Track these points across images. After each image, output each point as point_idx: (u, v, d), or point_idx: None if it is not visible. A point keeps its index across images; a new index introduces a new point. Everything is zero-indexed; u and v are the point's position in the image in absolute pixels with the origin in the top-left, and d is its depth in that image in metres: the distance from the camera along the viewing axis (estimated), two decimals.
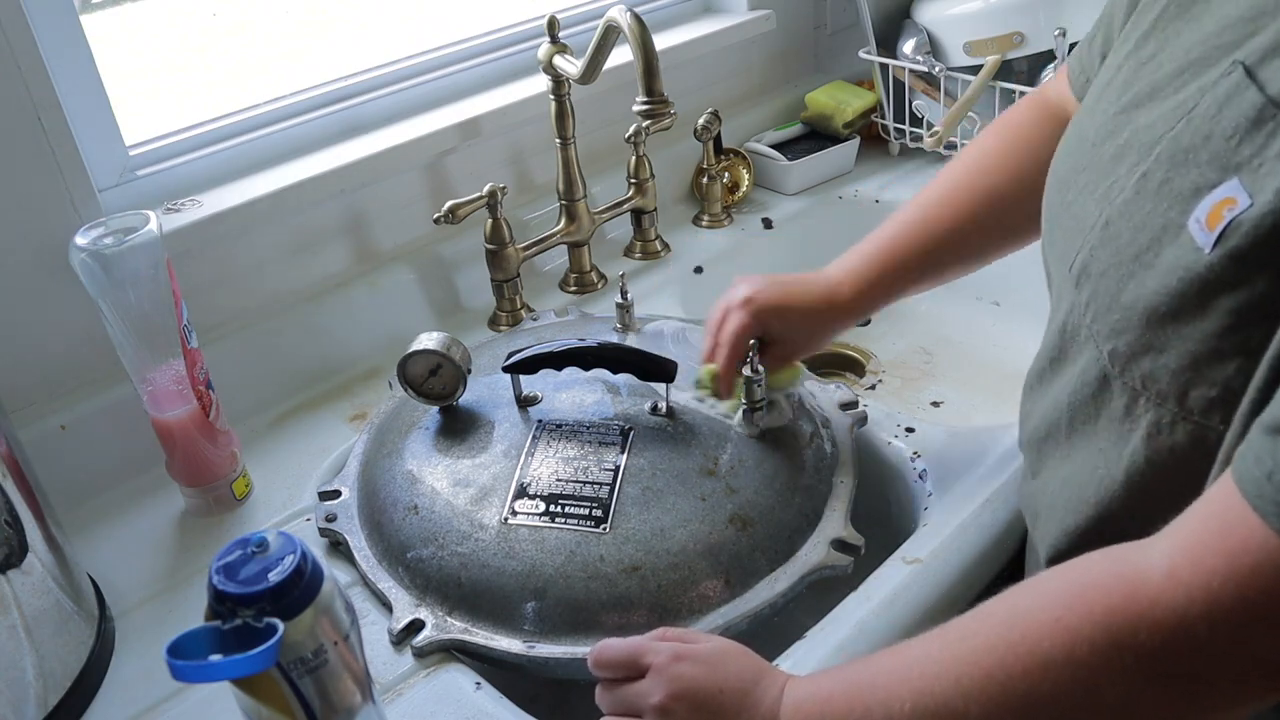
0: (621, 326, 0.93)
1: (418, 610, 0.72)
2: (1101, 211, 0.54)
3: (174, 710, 0.69)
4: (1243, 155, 0.46)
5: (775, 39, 1.39)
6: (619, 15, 0.86)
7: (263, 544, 0.55)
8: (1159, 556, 0.46)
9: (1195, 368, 0.48)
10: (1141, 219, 0.51)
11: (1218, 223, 0.46)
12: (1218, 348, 0.47)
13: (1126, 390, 0.53)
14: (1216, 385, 0.48)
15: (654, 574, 0.70)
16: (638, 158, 1.13)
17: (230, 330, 0.96)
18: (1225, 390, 0.47)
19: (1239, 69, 0.47)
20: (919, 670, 0.51)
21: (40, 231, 0.82)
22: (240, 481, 0.86)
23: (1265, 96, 0.45)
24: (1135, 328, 0.51)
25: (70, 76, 0.85)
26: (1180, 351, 0.49)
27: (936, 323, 1.25)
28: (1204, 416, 0.49)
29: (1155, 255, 0.50)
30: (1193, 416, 0.50)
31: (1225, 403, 0.48)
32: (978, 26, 1.21)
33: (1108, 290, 0.53)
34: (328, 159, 1.00)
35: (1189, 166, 0.49)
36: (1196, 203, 0.48)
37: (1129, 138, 0.54)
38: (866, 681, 0.53)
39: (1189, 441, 0.51)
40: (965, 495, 0.80)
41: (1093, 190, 0.56)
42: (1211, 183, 0.47)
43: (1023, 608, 0.50)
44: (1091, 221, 0.55)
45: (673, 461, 0.76)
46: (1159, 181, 0.50)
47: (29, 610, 0.66)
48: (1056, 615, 0.47)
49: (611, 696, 0.59)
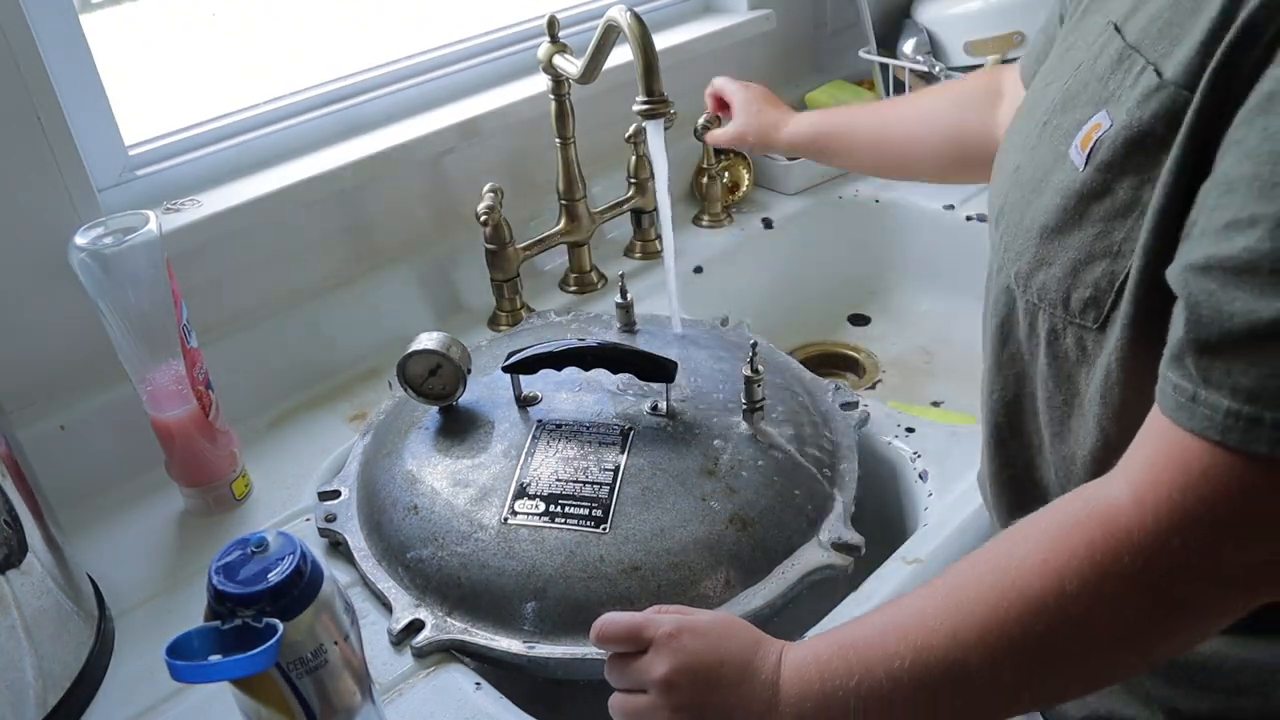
0: (622, 326, 0.93)
1: (417, 610, 0.72)
2: (1016, 161, 0.62)
3: (174, 710, 0.69)
4: (1109, 90, 0.54)
5: (775, 39, 1.39)
6: (619, 15, 0.86)
7: (262, 544, 0.55)
8: (1123, 486, 0.49)
9: (1074, 273, 0.55)
10: (1040, 158, 0.59)
11: (1089, 144, 0.54)
12: (1090, 251, 0.54)
13: (1029, 308, 0.60)
14: (1089, 287, 0.54)
15: (654, 574, 0.70)
16: (638, 158, 1.13)
17: (230, 330, 0.96)
18: (1095, 290, 0.54)
19: (1110, 27, 0.56)
20: (915, 626, 0.52)
21: (40, 231, 0.82)
22: (240, 481, 0.86)
23: (1124, 42, 0.54)
24: (1032, 246, 0.58)
25: (70, 76, 0.85)
26: (1064, 261, 0.55)
27: (936, 323, 1.25)
28: (1081, 317, 0.55)
29: (1045, 182, 0.57)
30: (1074, 319, 0.56)
31: (1095, 302, 0.54)
32: (978, 26, 1.21)
33: (1015, 221, 0.60)
34: (328, 159, 1.00)
35: (1074, 107, 0.57)
36: (1078, 134, 0.55)
37: (1041, 97, 0.62)
38: (863, 641, 0.54)
39: (1074, 344, 0.57)
40: (965, 495, 0.80)
41: (1018, 148, 0.63)
42: (1088, 116, 0.55)
43: (1008, 555, 0.52)
44: (1008, 170, 0.63)
45: (673, 461, 0.76)
46: (1054, 127, 0.58)
47: (28, 610, 0.66)
48: (1042, 558, 0.49)
49: (615, 671, 0.60)
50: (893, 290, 1.30)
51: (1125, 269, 0.52)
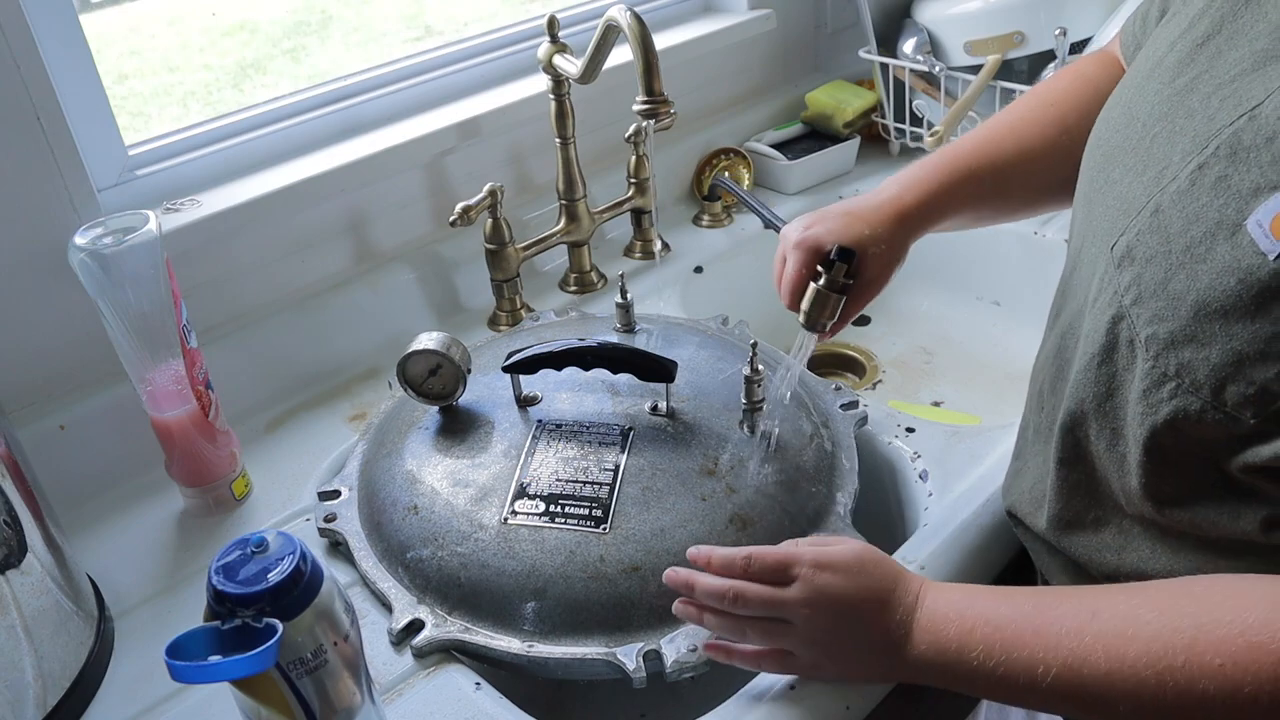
0: (621, 326, 0.93)
1: (417, 610, 0.72)
2: (1150, 197, 0.55)
3: (173, 710, 0.69)
4: None
5: (775, 39, 1.39)
6: (619, 14, 0.86)
7: (262, 544, 0.55)
8: None
9: (1237, 364, 0.49)
10: (1195, 211, 0.51)
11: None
12: (1265, 350, 0.48)
13: (1153, 374, 0.54)
14: (1255, 384, 0.49)
15: (654, 574, 0.70)
16: (638, 158, 1.13)
17: (230, 330, 0.96)
18: (1263, 391, 0.49)
19: None
20: (1068, 644, 0.53)
21: (39, 231, 0.82)
22: (240, 481, 0.86)
23: None
24: (1181, 318, 0.51)
25: (69, 76, 0.85)
26: (1225, 348, 0.50)
27: (936, 323, 1.25)
28: (1236, 410, 0.50)
29: (1208, 250, 0.50)
30: (1224, 408, 0.50)
31: (1261, 400, 0.49)
32: (978, 26, 1.21)
33: (1153, 277, 0.53)
34: (327, 159, 1.00)
35: (1250, 165, 0.49)
36: (1257, 203, 0.48)
37: (1183, 124, 0.54)
38: (1012, 631, 0.55)
39: (1214, 429, 0.52)
40: (965, 495, 0.80)
41: (1140, 172, 0.56)
42: (1273, 184, 0.48)
43: (1182, 635, 0.50)
44: (1139, 205, 0.56)
45: (673, 461, 0.76)
46: (1216, 176, 0.51)
47: (28, 610, 0.65)
48: (1220, 663, 0.48)
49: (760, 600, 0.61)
50: (893, 290, 1.28)
51: None
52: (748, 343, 0.82)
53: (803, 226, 0.76)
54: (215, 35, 1.15)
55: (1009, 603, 0.57)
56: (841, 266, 0.73)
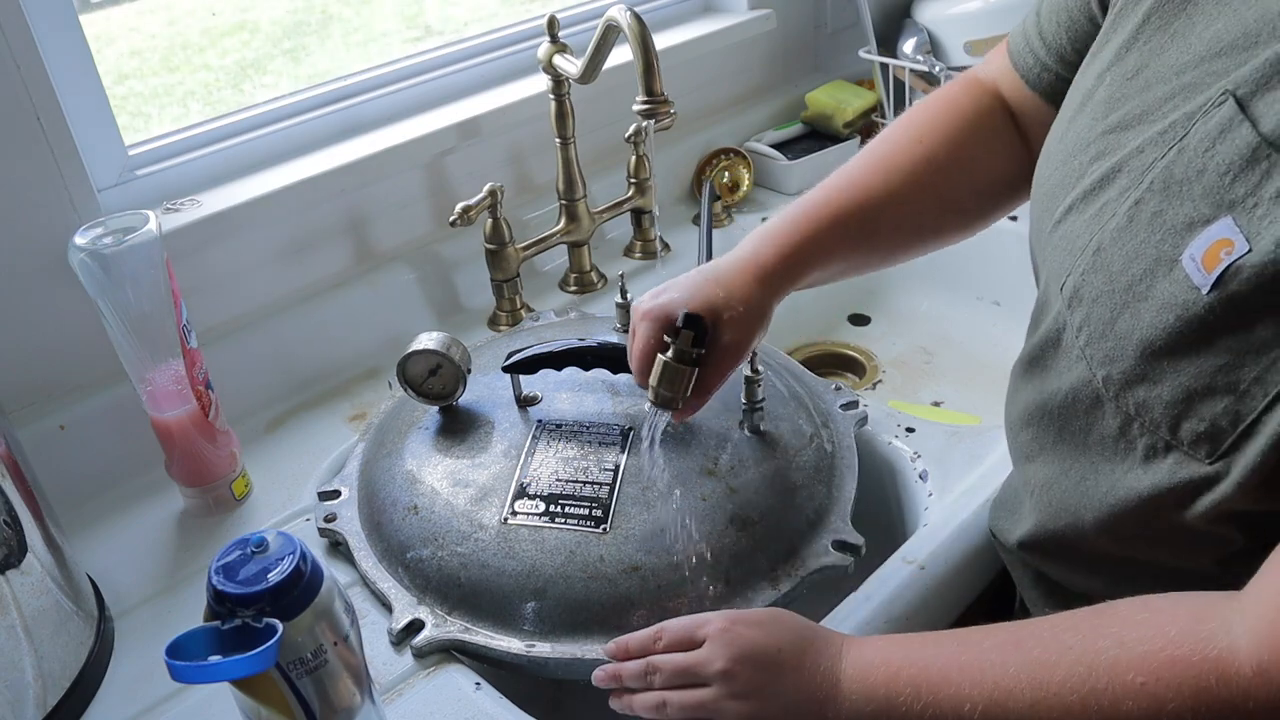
0: (621, 326, 0.93)
1: (417, 610, 0.72)
2: (1093, 236, 0.55)
3: (173, 710, 0.69)
4: (1237, 193, 0.46)
5: (775, 39, 1.39)
6: (619, 14, 0.86)
7: (262, 544, 0.55)
8: (1247, 645, 0.45)
9: (1188, 401, 0.49)
10: (1134, 248, 0.51)
11: (1215, 264, 0.46)
12: (1210, 385, 0.48)
13: (1120, 413, 0.54)
14: (1205, 421, 0.49)
15: (654, 574, 0.70)
16: (638, 158, 1.13)
17: (230, 330, 0.96)
18: (1213, 427, 0.49)
19: (1230, 100, 0.47)
20: (993, 677, 0.52)
21: (39, 231, 0.82)
22: (240, 481, 0.86)
23: (1259, 135, 0.45)
24: (1129, 358, 0.52)
25: (69, 76, 0.85)
26: (1174, 385, 0.50)
27: (936, 323, 1.25)
28: (1192, 449, 0.50)
29: (1148, 287, 0.50)
30: (1182, 446, 0.51)
31: (1212, 438, 0.49)
32: (978, 26, 1.21)
33: (1100, 317, 0.54)
34: (327, 159, 1.00)
35: (1181, 199, 0.49)
36: (1190, 238, 0.48)
37: (1120, 161, 0.54)
38: (937, 671, 0.54)
39: (1174, 468, 0.52)
40: (965, 495, 0.80)
41: (1082, 211, 0.56)
42: (1205, 218, 0.47)
43: (1105, 655, 0.49)
44: (1083, 245, 0.55)
45: (673, 461, 0.76)
46: (1151, 212, 0.50)
47: (28, 610, 0.65)
48: (1142, 680, 0.47)
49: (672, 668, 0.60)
50: (893, 290, 1.30)
51: (1252, 410, 0.47)
52: None
53: (652, 295, 0.70)
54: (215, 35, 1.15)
55: (931, 646, 0.56)
56: (689, 334, 0.66)
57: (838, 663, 0.57)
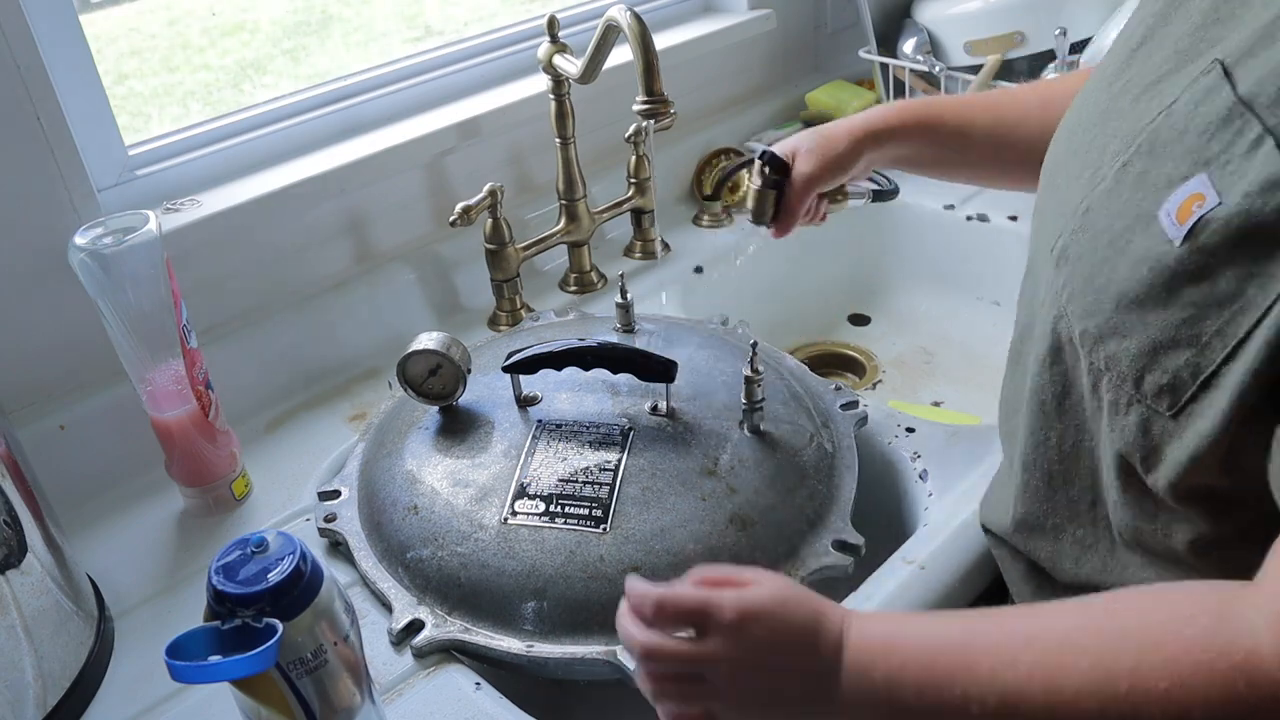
0: (621, 326, 0.93)
1: (417, 610, 0.72)
2: (1084, 198, 0.56)
3: (173, 710, 0.69)
4: (1212, 151, 0.47)
5: (775, 39, 1.39)
6: (619, 14, 0.86)
7: (262, 544, 0.55)
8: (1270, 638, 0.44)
9: (1153, 353, 0.50)
10: (1118, 207, 0.53)
11: (1187, 217, 0.47)
12: (1175, 337, 0.49)
13: (1093, 371, 0.55)
14: (1168, 373, 0.50)
15: (654, 574, 0.70)
16: (638, 158, 1.13)
17: (230, 330, 0.96)
18: (1174, 378, 0.50)
19: (1217, 67, 0.49)
20: (1008, 674, 0.50)
21: (39, 231, 0.82)
22: (240, 481, 0.86)
23: (1236, 95, 0.47)
24: (1105, 311, 0.53)
25: (69, 76, 0.85)
26: (1142, 337, 0.51)
27: (936, 323, 1.25)
28: (1154, 401, 0.51)
29: (1127, 243, 0.52)
30: (1145, 400, 0.51)
31: (1173, 390, 0.50)
32: (978, 26, 1.21)
33: (1083, 274, 0.55)
34: (327, 159, 1.00)
35: (1164, 159, 0.50)
36: (1169, 194, 0.49)
37: (1115, 126, 0.56)
38: (946, 659, 0.51)
39: (1139, 423, 0.52)
40: (965, 495, 0.80)
41: (1078, 175, 0.58)
42: (1183, 175, 0.49)
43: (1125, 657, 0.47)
44: (1074, 206, 0.57)
45: (673, 461, 0.76)
46: (1137, 172, 0.52)
47: (28, 610, 0.66)
48: (1165, 687, 0.45)
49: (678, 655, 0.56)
50: (893, 290, 1.30)
51: (1211, 363, 0.47)
52: (748, 343, 0.82)
53: None
54: (215, 35, 1.15)
55: (940, 630, 0.54)
56: (762, 165, 0.83)
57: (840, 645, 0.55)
